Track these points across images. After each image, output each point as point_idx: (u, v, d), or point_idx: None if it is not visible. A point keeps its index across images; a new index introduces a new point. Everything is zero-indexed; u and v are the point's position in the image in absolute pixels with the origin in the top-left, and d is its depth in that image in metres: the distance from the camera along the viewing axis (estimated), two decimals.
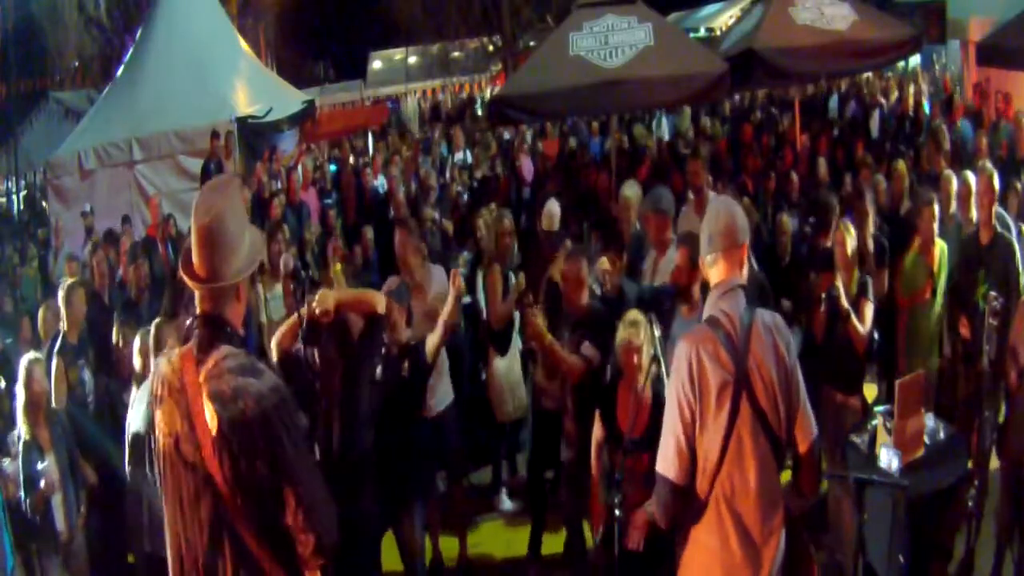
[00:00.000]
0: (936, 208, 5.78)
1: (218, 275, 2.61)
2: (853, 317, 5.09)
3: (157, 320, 5.18)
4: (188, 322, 2.72)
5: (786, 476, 3.23)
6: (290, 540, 2.58)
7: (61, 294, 5.90)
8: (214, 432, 2.52)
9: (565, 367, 4.86)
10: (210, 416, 2.53)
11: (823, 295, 5.25)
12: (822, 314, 5.29)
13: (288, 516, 2.55)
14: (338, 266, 6.35)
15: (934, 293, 5.87)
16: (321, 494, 2.65)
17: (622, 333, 4.31)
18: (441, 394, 5.47)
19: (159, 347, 4.94)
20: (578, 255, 5.15)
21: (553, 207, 6.67)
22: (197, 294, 2.66)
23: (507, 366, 6.28)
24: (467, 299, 6.65)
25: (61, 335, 5.88)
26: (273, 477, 2.53)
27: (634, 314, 4.35)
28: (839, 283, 5.17)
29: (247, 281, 2.73)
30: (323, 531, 2.59)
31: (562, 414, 5.15)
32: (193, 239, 2.63)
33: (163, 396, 2.63)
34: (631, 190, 6.71)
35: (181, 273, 2.67)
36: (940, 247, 5.84)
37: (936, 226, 5.79)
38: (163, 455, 2.64)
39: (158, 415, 2.64)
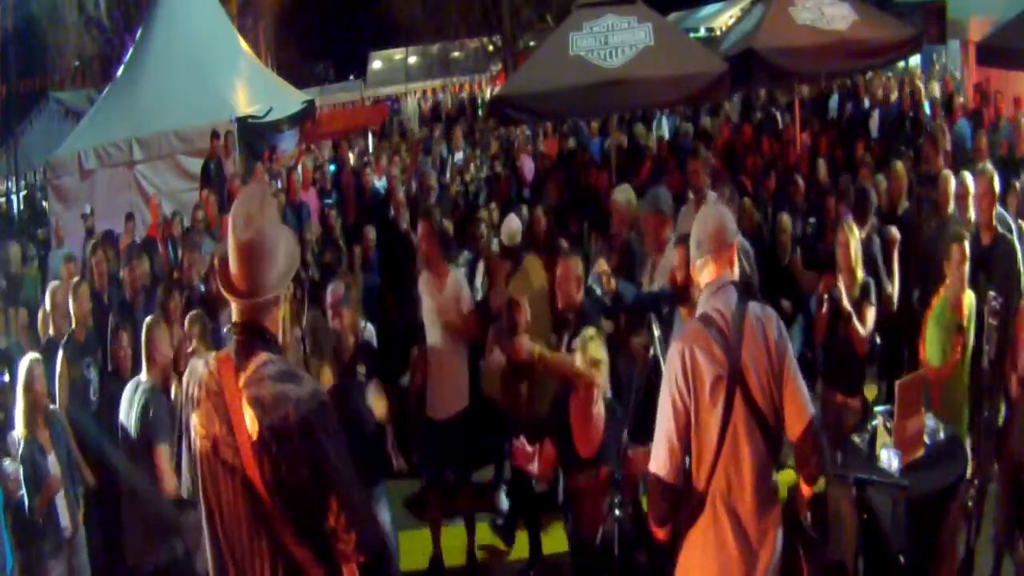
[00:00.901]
0: (967, 246, 5.08)
1: (259, 289, 2.60)
2: (854, 319, 5.08)
3: (149, 319, 5.13)
4: (225, 329, 2.71)
5: (788, 476, 3.22)
6: (328, 541, 2.59)
7: (68, 292, 5.86)
8: (254, 437, 2.52)
9: (561, 373, 4.84)
10: (250, 421, 2.53)
11: (824, 296, 5.24)
12: (823, 315, 5.28)
13: (331, 519, 2.55)
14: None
15: (964, 350, 5.10)
16: (361, 497, 2.67)
17: (579, 347, 4.25)
18: (452, 400, 5.48)
19: (151, 346, 4.94)
20: (571, 253, 5.14)
21: (513, 222, 6.44)
22: (235, 305, 2.65)
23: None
24: None
25: (67, 333, 5.87)
26: (314, 481, 2.54)
27: (591, 331, 4.31)
28: (841, 284, 5.17)
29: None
30: (364, 530, 2.60)
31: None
32: (232, 254, 2.61)
33: (200, 399, 2.63)
34: (622, 195, 6.51)
35: (220, 288, 2.65)
36: (969, 298, 5.10)
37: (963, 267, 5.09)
38: (200, 457, 2.64)
39: (194, 418, 2.64)
